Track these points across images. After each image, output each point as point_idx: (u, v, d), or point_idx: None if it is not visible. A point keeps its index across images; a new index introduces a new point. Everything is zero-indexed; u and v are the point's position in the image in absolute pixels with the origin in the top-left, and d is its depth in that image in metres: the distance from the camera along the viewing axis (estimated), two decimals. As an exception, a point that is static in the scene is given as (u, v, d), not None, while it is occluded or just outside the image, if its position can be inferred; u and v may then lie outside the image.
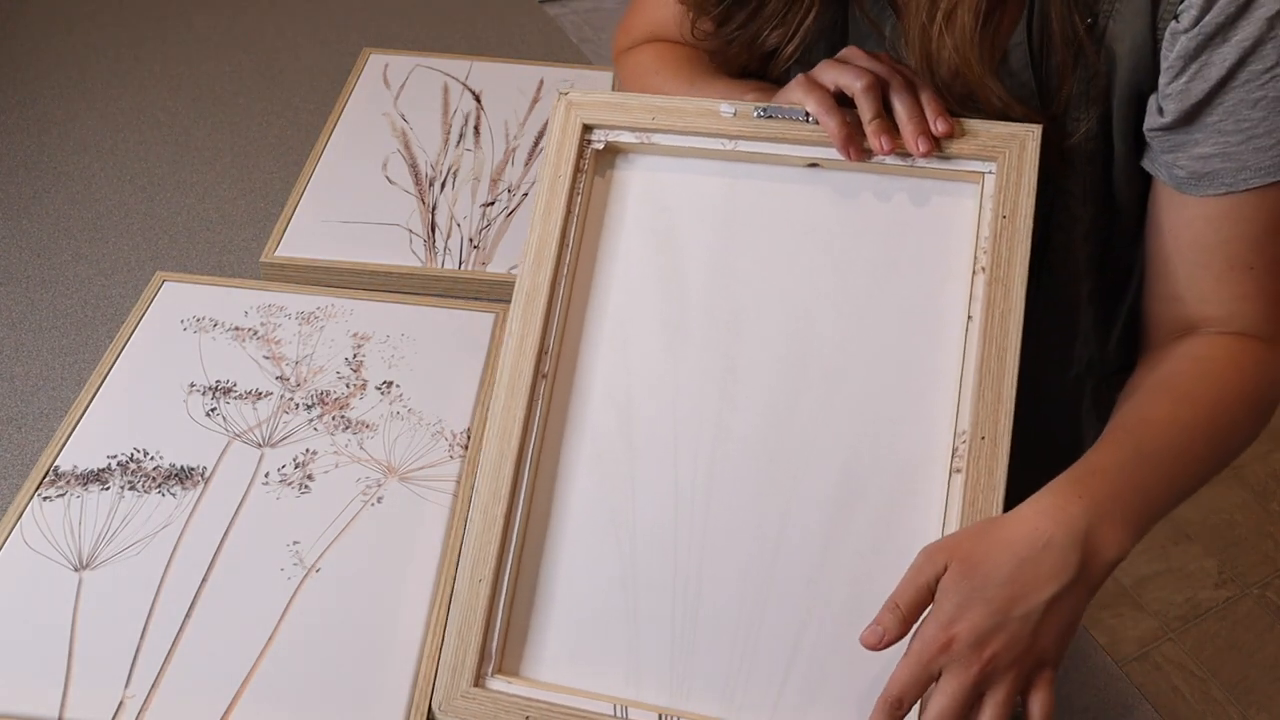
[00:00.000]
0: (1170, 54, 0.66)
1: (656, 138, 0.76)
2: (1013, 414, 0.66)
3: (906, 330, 0.70)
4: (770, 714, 0.65)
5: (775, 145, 0.73)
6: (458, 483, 0.79)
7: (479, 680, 0.67)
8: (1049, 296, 0.79)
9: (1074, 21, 0.68)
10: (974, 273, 0.70)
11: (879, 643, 0.60)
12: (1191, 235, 0.71)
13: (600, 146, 0.76)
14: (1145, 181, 0.74)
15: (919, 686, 0.59)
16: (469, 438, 0.82)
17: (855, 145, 0.71)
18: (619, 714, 0.66)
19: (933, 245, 0.71)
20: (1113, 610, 1.89)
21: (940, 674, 0.59)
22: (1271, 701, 1.76)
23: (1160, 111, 0.68)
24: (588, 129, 0.76)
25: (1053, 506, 0.61)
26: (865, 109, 0.70)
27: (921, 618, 0.60)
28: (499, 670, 0.68)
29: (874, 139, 0.70)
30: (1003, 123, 0.70)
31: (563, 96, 0.77)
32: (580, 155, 0.75)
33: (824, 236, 0.73)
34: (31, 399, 0.87)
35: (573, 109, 0.76)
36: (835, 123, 0.70)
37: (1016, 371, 0.67)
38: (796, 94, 0.73)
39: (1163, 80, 0.67)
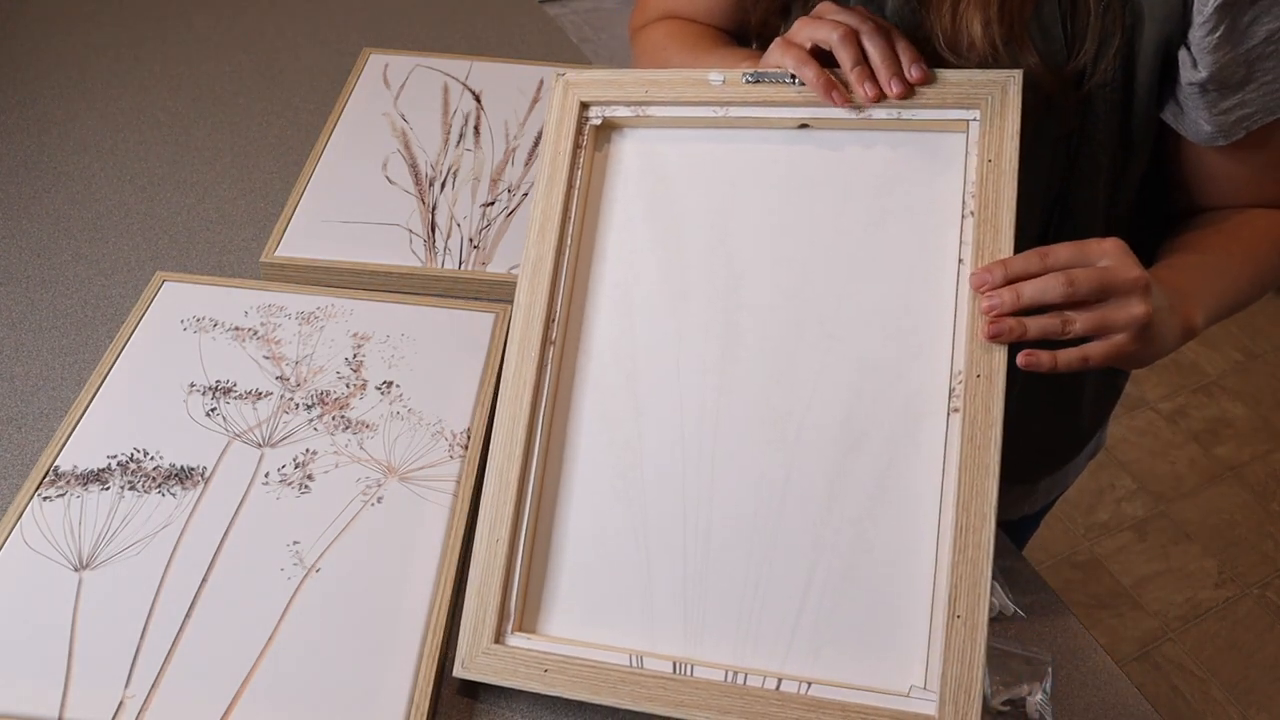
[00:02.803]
0: (1205, 7, 0.67)
1: (650, 110, 0.78)
2: (1007, 350, 0.68)
3: (901, 278, 0.72)
4: (782, 658, 0.67)
5: (765, 109, 0.75)
6: (458, 483, 0.79)
7: (499, 637, 0.69)
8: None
9: None
10: (963, 217, 0.71)
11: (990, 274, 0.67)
12: (1223, 171, 0.77)
13: (598, 122, 0.79)
14: (1159, 126, 0.77)
15: (1076, 259, 0.66)
16: (469, 438, 0.82)
17: (838, 90, 0.72)
18: (635, 664, 0.68)
19: (923, 194, 0.73)
20: (1113, 610, 1.89)
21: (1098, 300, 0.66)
22: (1271, 701, 1.76)
23: (1195, 65, 0.69)
24: (585, 106, 0.78)
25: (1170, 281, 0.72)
26: (844, 59, 0.72)
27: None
28: (518, 627, 0.70)
29: (858, 86, 0.72)
30: (984, 70, 0.72)
31: (560, 78, 0.79)
32: (579, 132, 0.78)
33: (817, 193, 0.75)
34: (31, 399, 0.87)
35: (570, 89, 0.79)
36: (813, 72, 0.72)
37: None
38: (775, 55, 0.75)
39: (1198, 33, 0.68)
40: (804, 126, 0.76)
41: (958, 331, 0.69)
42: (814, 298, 0.73)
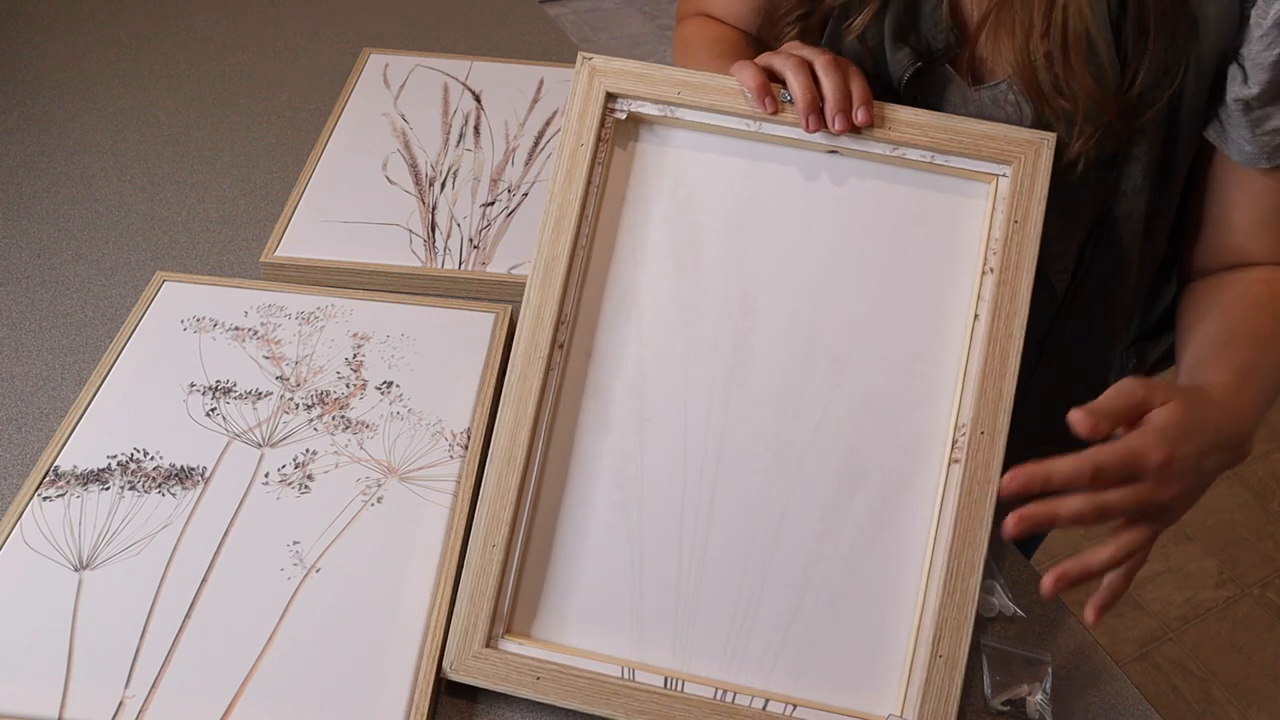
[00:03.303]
0: (1265, 21, 0.66)
1: (680, 112, 0.75)
2: (1011, 411, 0.68)
3: (913, 321, 0.72)
4: (766, 678, 0.68)
5: (797, 130, 0.74)
6: (458, 483, 0.79)
7: (490, 641, 0.69)
8: (1110, 269, 0.80)
9: None
10: (982, 273, 0.71)
11: (1085, 422, 0.60)
12: (1252, 200, 0.74)
13: (623, 116, 0.76)
14: (1201, 147, 0.75)
15: (1117, 468, 0.60)
16: (469, 438, 0.82)
17: (770, 96, 0.72)
18: (626, 676, 0.68)
19: (943, 241, 0.73)
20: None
21: (1135, 480, 0.60)
22: (1271, 701, 1.76)
23: (1245, 80, 0.69)
24: (611, 97, 0.76)
25: (1228, 400, 0.66)
26: (795, 88, 0.72)
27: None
28: (509, 632, 0.70)
29: (802, 117, 0.72)
30: (1019, 128, 0.72)
31: (586, 61, 0.76)
32: (602, 124, 0.75)
33: (839, 224, 0.74)
34: (31, 399, 0.87)
35: (596, 76, 0.76)
36: (754, 82, 0.72)
37: (1018, 370, 0.69)
38: (734, 72, 0.74)
39: (1254, 48, 0.67)
40: (833, 152, 0.74)
41: (966, 385, 0.70)
42: (826, 330, 0.73)
